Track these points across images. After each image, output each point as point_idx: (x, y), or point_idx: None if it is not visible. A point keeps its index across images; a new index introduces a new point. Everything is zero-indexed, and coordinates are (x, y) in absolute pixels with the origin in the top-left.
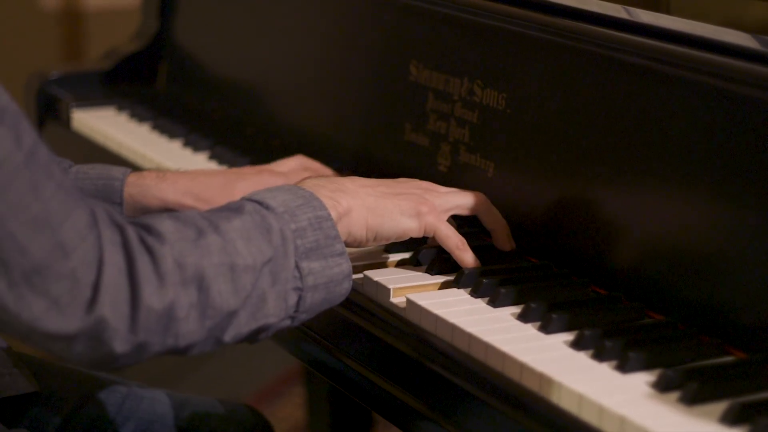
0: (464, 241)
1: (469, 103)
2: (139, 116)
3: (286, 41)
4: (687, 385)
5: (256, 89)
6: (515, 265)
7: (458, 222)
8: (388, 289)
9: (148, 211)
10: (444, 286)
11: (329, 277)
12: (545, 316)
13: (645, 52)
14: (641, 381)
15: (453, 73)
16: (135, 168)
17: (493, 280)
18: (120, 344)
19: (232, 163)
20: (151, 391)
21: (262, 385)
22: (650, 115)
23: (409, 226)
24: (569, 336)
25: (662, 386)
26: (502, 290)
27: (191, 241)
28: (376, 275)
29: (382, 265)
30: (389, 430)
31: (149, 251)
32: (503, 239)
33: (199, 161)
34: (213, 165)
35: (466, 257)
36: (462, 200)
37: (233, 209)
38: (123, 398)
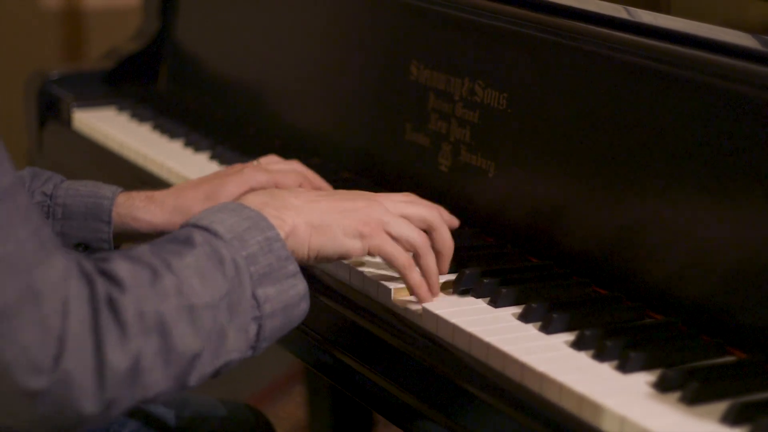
0: (411, 260)
1: (470, 103)
2: (140, 116)
3: (287, 41)
4: (687, 385)
5: (257, 89)
6: (516, 265)
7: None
8: (389, 290)
9: (136, 233)
10: (445, 286)
11: (286, 301)
12: (546, 316)
13: (646, 52)
14: (642, 381)
15: (454, 73)
16: (135, 169)
17: (494, 280)
18: (88, 404)
19: (232, 163)
20: None
21: (263, 384)
22: (651, 115)
23: (351, 246)
24: (570, 336)
25: (663, 386)
26: (503, 290)
27: (148, 286)
28: (377, 275)
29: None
30: (389, 430)
31: (111, 305)
32: (444, 264)
33: (200, 161)
34: (214, 165)
35: (413, 276)
36: (414, 211)
37: (182, 241)
38: None
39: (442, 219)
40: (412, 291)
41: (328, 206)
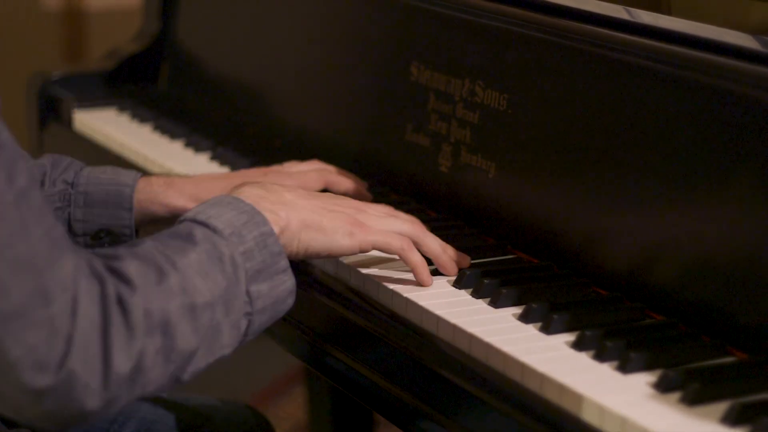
0: (408, 242)
1: (470, 104)
2: (140, 117)
3: (287, 42)
4: (688, 385)
5: (257, 90)
6: (517, 265)
7: (458, 223)
8: (390, 289)
9: (154, 217)
10: (445, 286)
11: (275, 297)
12: (546, 316)
13: (646, 52)
14: (642, 381)
15: (454, 73)
16: (141, 170)
17: (494, 281)
18: (91, 401)
19: (233, 164)
20: None
21: (263, 385)
22: (651, 116)
23: (342, 243)
24: (570, 336)
25: (663, 387)
26: (504, 291)
27: (155, 285)
28: (378, 277)
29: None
30: (390, 430)
31: (121, 305)
32: (445, 267)
33: (201, 162)
34: (214, 166)
35: (413, 257)
36: (396, 225)
37: (184, 238)
38: None
39: (423, 230)
40: (414, 272)
41: (320, 204)
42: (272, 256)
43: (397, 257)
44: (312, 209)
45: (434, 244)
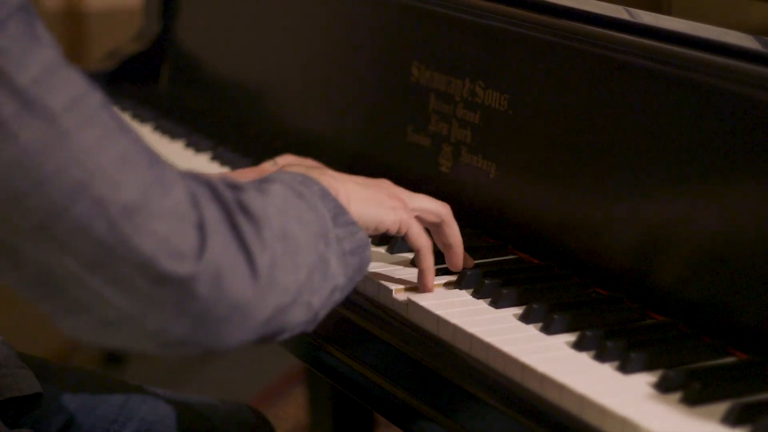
0: (431, 243)
1: (470, 104)
2: (141, 117)
3: (288, 42)
4: (689, 385)
5: (258, 90)
6: (517, 265)
7: (459, 223)
8: (390, 290)
9: None
10: (446, 286)
11: (356, 243)
12: (547, 316)
13: (647, 53)
14: (643, 382)
15: (455, 74)
16: None
17: (495, 281)
18: (244, 288)
19: (234, 164)
20: (152, 392)
21: (264, 385)
22: (652, 116)
23: (385, 217)
24: (571, 337)
25: (664, 387)
26: (504, 291)
27: (263, 196)
28: (378, 275)
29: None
30: (390, 430)
31: (240, 202)
32: (458, 258)
33: (202, 162)
34: (215, 166)
35: (428, 260)
36: (429, 205)
37: (257, 183)
38: (125, 399)
39: (451, 214)
40: (421, 274)
41: (357, 180)
42: (337, 208)
43: (401, 257)
44: (355, 183)
45: (458, 234)
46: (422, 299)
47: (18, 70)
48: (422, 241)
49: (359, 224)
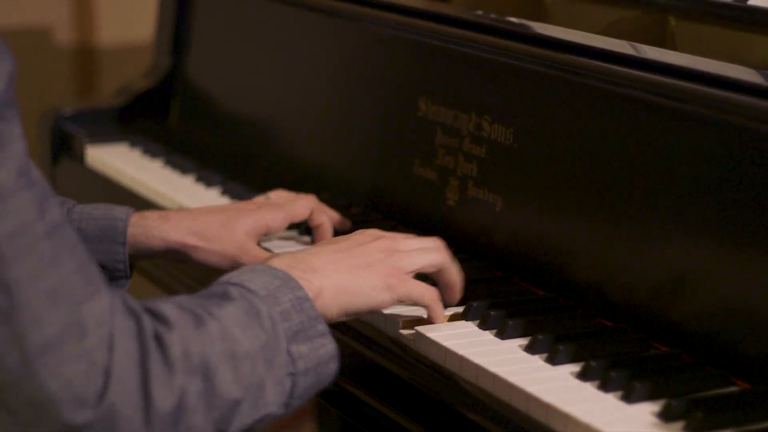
0: (437, 293)
1: (477, 138)
2: (152, 152)
3: (296, 78)
4: (692, 414)
5: (267, 125)
6: (523, 297)
7: (466, 256)
8: (398, 322)
9: (150, 251)
10: (453, 318)
11: (317, 359)
12: (552, 347)
13: (651, 87)
14: (646, 411)
15: (461, 108)
16: (148, 204)
17: (500, 313)
18: None
19: (244, 199)
20: None
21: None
22: (657, 150)
23: (381, 300)
24: (575, 367)
25: (667, 416)
26: (510, 322)
27: (194, 328)
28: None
29: None
30: None
31: (159, 341)
32: (457, 295)
33: (211, 196)
34: (225, 200)
35: (439, 310)
36: (425, 261)
37: (220, 295)
38: None
39: (448, 256)
40: (433, 321)
41: (351, 265)
42: (309, 320)
43: None
44: (344, 272)
45: (458, 275)
46: (429, 331)
47: None
48: (427, 299)
49: (349, 316)
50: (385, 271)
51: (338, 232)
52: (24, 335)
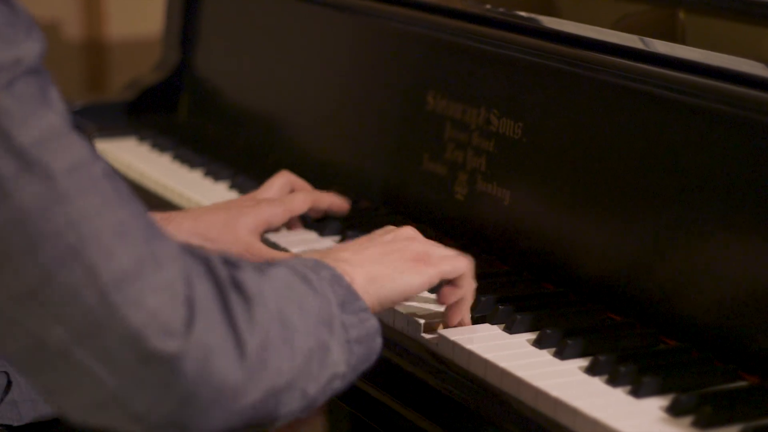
0: (472, 264)
1: (485, 133)
2: (160, 146)
3: (305, 72)
4: (700, 409)
5: (276, 119)
6: (531, 292)
7: (474, 250)
8: (420, 324)
9: None
10: None
11: (366, 330)
12: (560, 342)
13: (661, 81)
14: (655, 406)
15: (470, 102)
16: (156, 198)
17: (509, 307)
18: (232, 371)
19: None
20: None
21: None
22: (666, 144)
23: (413, 282)
24: (584, 362)
25: (676, 411)
26: (518, 317)
27: (259, 275)
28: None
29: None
30: None
31: (233, 279)
32: (461, 315)
33: (220, 191)
34: (233, 194)
35: (460, 312)
36: (454, 267)
37: (262, 265)
38: None
39: (472, 273)
40: (448, 316)
41: (377, 252)
42: (351, 294)
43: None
44: (372, 260)
45: (473, 289)
46: (436, 326)
47: (20, 131)
48: (459, 268)
49: (384, 305)
50: (411, 255)
51: (345, 219)
52: (97, 270)
